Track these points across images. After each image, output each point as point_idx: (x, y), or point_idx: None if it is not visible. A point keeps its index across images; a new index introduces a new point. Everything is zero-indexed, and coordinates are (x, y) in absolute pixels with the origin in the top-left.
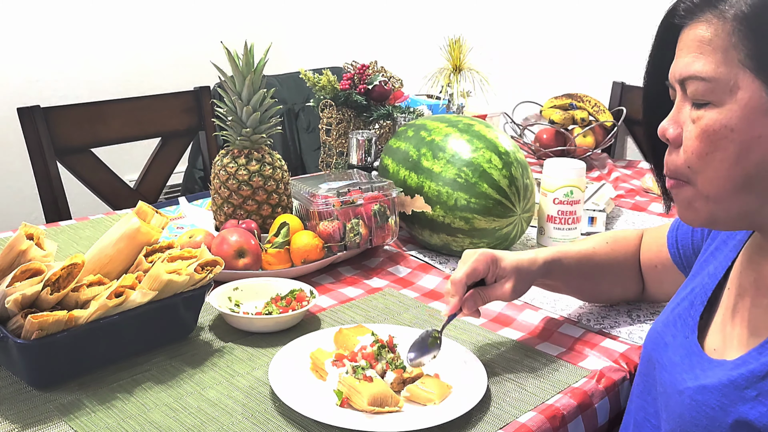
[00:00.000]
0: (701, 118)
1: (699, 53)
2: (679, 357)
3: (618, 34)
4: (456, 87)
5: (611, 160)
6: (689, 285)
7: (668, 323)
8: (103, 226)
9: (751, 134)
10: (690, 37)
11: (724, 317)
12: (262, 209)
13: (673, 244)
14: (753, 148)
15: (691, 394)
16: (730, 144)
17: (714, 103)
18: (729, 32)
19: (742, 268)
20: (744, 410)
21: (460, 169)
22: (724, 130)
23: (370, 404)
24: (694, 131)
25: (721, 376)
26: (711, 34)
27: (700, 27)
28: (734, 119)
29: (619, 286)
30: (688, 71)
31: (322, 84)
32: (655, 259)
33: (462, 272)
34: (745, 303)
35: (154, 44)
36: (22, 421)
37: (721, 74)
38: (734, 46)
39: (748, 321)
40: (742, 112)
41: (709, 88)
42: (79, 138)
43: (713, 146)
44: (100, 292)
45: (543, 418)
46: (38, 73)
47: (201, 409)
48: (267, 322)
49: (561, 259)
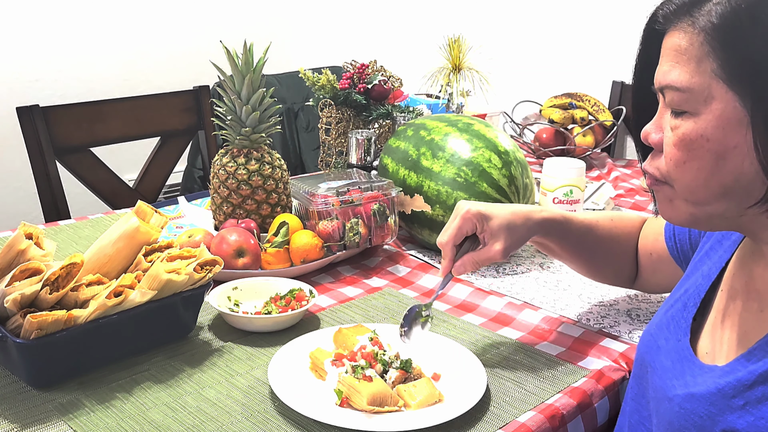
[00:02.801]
0: (679, 127)
1: (675, 62)
2: (671, 361)
3: (617, 33)
4: (455, 86)
5: (611, 159)
6: (683, 285)
7: (661, 325)
8: (103, 225)
9: (726, 144)
10: (668, 44)
11: (715, 320)
12: (261, 209)
13: (670, 237)
14: (729, 158)
15: (680, 402)
16: (707, 153)
17: (690, 112)
18: (701, 42)
19: (734, 271)
20: (732, 419)
21: (460, 168)
22: (700, 140)
23: (370, 404)
24: (672, 139)
25: (710, 385)
26: (686, 43)
27: (677, 35)
28: (710, 129)
29: (613, 265)
30: (666, 80)
31: (321, 83)
32: (651, 247)
33: (447, 234)
34: (736, 306)
35: (154, 43)
36: (21, 421)
37: (696, 84)
38: (707, 55)
39: (738, 325)
40: (717, 122)
41: (684, 98)
42: (79, 137)
43: (690, 155)
44: (99, 292)
45: (543, 418)
46: (37, 72)
47: (200, 409)
48: (266, 321)
49: (561, 222)
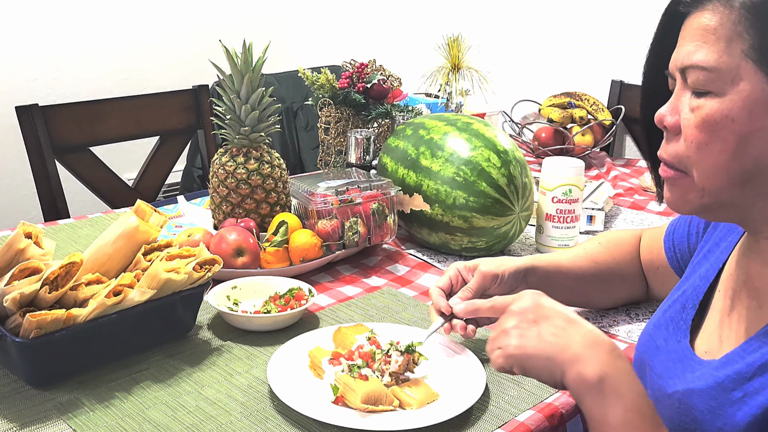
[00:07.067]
0: (701, 108)
1: (702, 42)
2: (671, 361)
3: (617, 32)
4: (455, 85)
5: (610, 158)
6: (681, 287)
7: (660, 326)
8: (102, 224)
9: (752, 126)
10: (694, 25)
11: (715, 320)
12: (260, 208)
13: (670, 248)
14: (752, 140)
15: (680, 398)
16: (730, 135)
17: (715, 92)
18: (735, 21)
19: (732, 270)
20: (731, 412)
21: (459, 167)
22: (725, 121)
23: (364, 402)
24: (693, 120)
25: (708, 379)
26: (716, 22)
27: (706, 15)
28: (735, 110)
29: (625, 290)
30: (690, 60)
31: (320, 82)
32: (656, 261)
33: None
34: (735, 305)
35: (153, 43)
36: (21, 420)
37: (724, 64)
38: (739, 35)
39: (738, 324)
40: (744, 103)
41: (710, 77)
42: (78, 136)
43: (713, 136)
44: (98, 291)
45: (542, 417)
46: (36, 71)
47: (199, 408)
48: (265, 320)
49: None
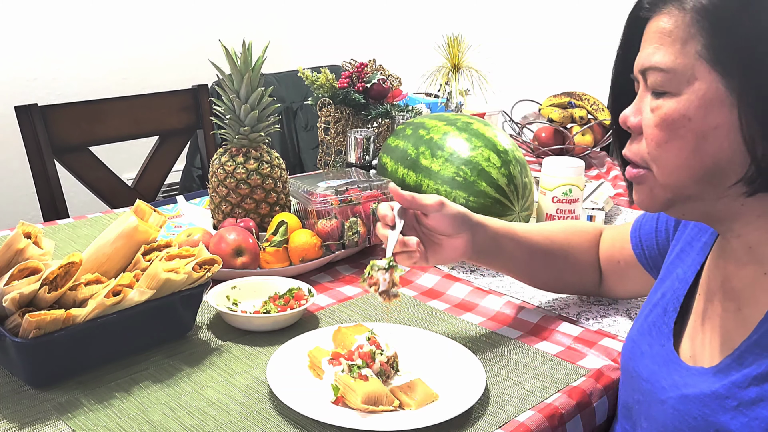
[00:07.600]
0: (660, 108)
1: (660, 44)
2: (657, 365)
3: (616, 32)
4: (454, 85)
5: (610, 158)
6: (659, 289)
7: (643, 331)
8: (101, 224)
9: (708, 124)
10: (653, 28)
11: (696, 323)
12: (260, 208)
13: (637, 244)
14: (710, 138)
15: (674, 404)
16: (688, 133)
17: (672, 92)
18: (688, 23)
19: (709, 273)
20: (725, 420)
21: (459, 167)
22: (682, 120)
23: (364, 402)
24: (653, 120)
25: (703, 386)
26: (671, 25)
27: (663, 18)
28: (692, 109)
29: (574, 277)
30: (649, 62)
31: (320, 82)
32: (618, 255)
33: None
34: (715, 308)
35: (152, 42)
36: (20, 420)
37: (679, 65)
38: (692, 37)
39: (719, 327)
40: (700, 102)
41: (667, 78)
42: (77, 136)
43: (671, 135)
44: (97, 291)
45: (542, 417)
46: (36, 71)
47: (199, 408)
48: (265, 320)
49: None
